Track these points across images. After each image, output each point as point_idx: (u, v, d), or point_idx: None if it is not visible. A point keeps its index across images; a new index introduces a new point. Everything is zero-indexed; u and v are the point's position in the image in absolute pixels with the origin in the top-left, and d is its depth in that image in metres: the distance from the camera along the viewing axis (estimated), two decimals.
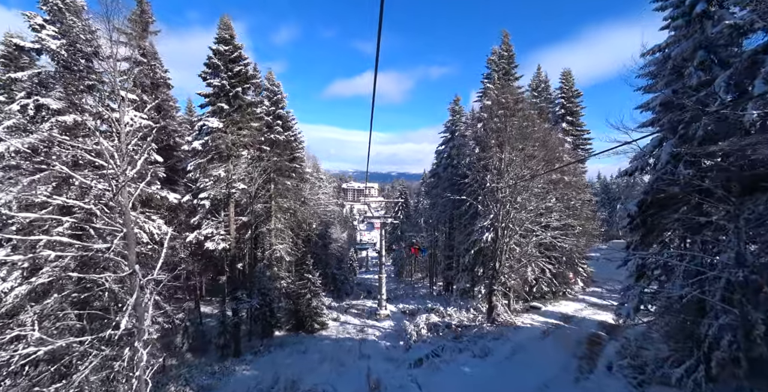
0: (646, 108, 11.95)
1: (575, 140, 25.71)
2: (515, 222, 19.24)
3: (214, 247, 18.81)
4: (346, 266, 44.00)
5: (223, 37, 19.10)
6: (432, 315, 24.51)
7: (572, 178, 23.03)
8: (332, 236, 45.00)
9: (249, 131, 20.28)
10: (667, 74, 11.41)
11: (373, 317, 27.55)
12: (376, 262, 73.98)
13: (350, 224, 76.87)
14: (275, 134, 22.94)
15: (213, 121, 18.25)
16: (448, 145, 35.09)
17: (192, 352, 22.28)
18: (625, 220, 12.89)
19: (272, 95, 23.74)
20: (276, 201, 24.35)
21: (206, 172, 19.07)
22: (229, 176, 19.11)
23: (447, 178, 34.50)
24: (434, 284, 42.36)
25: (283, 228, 24.92)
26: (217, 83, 18.49)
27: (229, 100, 19.11)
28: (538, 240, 20.67)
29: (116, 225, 10.47)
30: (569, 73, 27.64)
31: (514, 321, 20.92)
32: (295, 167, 24.66)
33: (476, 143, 22.26)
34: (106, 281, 11.24)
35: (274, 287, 24.42)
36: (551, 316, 22.40)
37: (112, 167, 10.26)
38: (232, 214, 20.01)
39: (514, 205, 18.99)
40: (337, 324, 25.78)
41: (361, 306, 30.68)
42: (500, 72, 22.95)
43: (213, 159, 19.73)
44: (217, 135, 18.58)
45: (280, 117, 23.62)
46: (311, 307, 24.35)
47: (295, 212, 26.15)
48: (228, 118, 19.13)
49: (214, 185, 18.86)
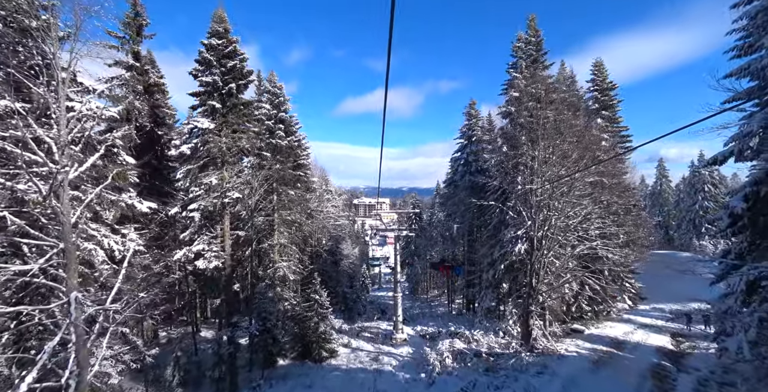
0: (740, 75, 8.98)
1: (612, 136, 22.57)
2: (555, 231, 16.07)
3: (205, 266, 16.03)
4: (358, 283, 40.71)
5: (217, 31, 16.92)
6: (456, 340, 21.09)
7: (612, 180, 19.83)
8: (343, 252, 41.98)
9: (246, 135, 17.80)
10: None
11: (389, 342, 24.19)
12: (388, 279, 70.25)
13: (362, 240, 73.69)
14: (277, 139, 20.46)
15: (203, 121, 15.82)
16: (464, 151, 32.25)
17: (183, 386, 19.17)
18: (723, 221, 9.81)
19: (274, 98, 21.41)
20: (279, 214, 21.64)
21: (197, 180, 16.52)
22: (223, 185, 16.50)
23: (465, 186, 31.49)
24: (452, 302, 38.73)
25: (288, 244, 22.11)
26: (209, 79, 16.17)
27: (223, 98, 16.74)
28: (579, 252, 17.39)
29: (49, 240, 7.75)
30: (601, 63, 24.77)
31: (555, 348, 17.41)
32: (299, 176, 22.04)
33: (504, 141, 19.42)
34: (41, 313, 8.49)
35: (276, 310, 21.40)
36: (598, 341, 18.80)
37: (44, 162, 7.65)
38: (228, 228, 17.31)
39: (553, 211, 15.87)
40: (348, 351, 22.46)
41: (374, 329, 27.31)
42: (527, 59, 20.27)
43: (206, 166, 17.24)
44: (209, 138, 16.11)
45: (283, 121, 21.20)
46: (318, 332, 21.18)
47: (301, 225, 23.37)
48: (222, 119, 16.71)
49: (205, 194, 16.27)
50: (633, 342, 18.93)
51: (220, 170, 17.07)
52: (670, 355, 17.32)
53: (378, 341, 24.37)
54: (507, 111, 18.78)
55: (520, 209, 17.20)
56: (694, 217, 50.09)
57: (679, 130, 5.37)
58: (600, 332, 20.21)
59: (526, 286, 18.48)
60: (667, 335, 20.30)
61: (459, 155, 33.34)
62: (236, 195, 16.20)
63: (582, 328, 20.16)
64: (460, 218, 33.10)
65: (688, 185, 52.20)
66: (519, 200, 17.46)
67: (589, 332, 20.06)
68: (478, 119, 32.12)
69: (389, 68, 3.34)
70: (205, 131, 16.04)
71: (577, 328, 20.11)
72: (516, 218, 18.00)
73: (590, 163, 15.43)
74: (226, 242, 17.38)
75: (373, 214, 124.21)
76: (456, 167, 33.53)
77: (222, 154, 16.86)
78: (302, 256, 23.41)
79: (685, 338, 19.89)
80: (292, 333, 22.61)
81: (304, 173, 22.84)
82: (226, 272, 17.54)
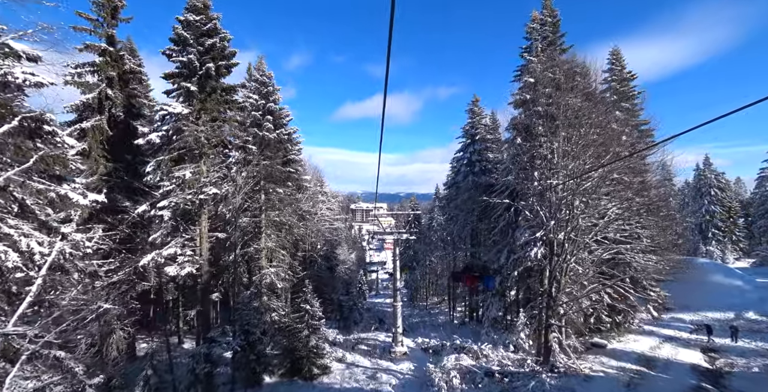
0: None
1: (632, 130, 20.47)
2: (579, 233, 13.84)
3: (176, 272, 13.67)
4: (354, 290, 38.24)
5: (195, 6, 14.77)
6: (463, 355, 18.70)
7: (633, 177, 17.69)
8: (339, 257, 39.57)
9: (228, 125, 15.55)
10: None
11: (387, 355, 21.76)
12: (386, 285, 67.58)
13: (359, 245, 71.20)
14: (264, 132, 18.22)
15: (176, 106, 13.59)
16: (467, 150, 30.15)
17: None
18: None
19: (262, 87, 19.21)
20: (267, 215, 19.31)
21: (170, 174, 14.23)
22: (200, 180, 14.20)
23: (468, 187, 29.31)
24: (454, 310, 36.31)
25: (276, 248, 19.75)
26: (184, 59, 13.96)
27: (201, 82, 14.54)
28: (604, 256, 15.18)
29: None
30: (618, 52, 22.75)
31: (579, 366, 15.06)
32: (289, 173, 19.74)
33: (517, 132, 17.25)
34: None
35: (262, 321, 18.96)
36: (624, 358, 16.48)
37: None
38: (205, 229, 14.98)
39: (577, 210, 13.67)
40: (342, 368, 19.99)
41: (372, 341, 24.83)
42: (543, 42, 18.21)
43: (181, 159, 14.98)
44: (183, 125, 13.86)
45: (272, 112, 18.97)
46: (309, 346, 18.73)
47: (292, 228, 21.02)
48: (199, 105, 14.48)
49: (179, 190, 13.96)
50: (662, 358, 16.62)
51: (197, 163, 14.79)
52: (707, 375, 15.02)
53: (375, 355, 21.91)
54: (521, 99, 16.68)
55: (537, 208, 14.99)
56: (701, 221, 48.08)
57: None
58: (624, 346, 17.89)
59: (542, 295, 16.20)
60: (697, 349, 18.02)
61: (461, 154, 31.23)
62: (214, 191, 13.90)
63: (603, 342, 17.82)
64: (463, 221, 30.86)
65: (694, 188, 50.27)
66: (535, 199, 15.26)
67: (611, 346, 17.73)
68: (482, 117, 30.09)
69: (388, 74, 3.25)
70: (179, 117, 13.80)
71: (598, 342, 17.78)
72: (531, 219, 15.78)
73: (620, 155, 13.29)
74: (203, 246, 15.03)
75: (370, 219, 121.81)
76: (458, 168, 31.38)
77: (199, 145, 14.59)
78: (293, 261, 21.03)
79: (717, 353, 17.62)
80: (281, 347, 20.16)
81: (295, 169, 20.54)
82: (203, 280, 15.17)
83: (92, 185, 17.76)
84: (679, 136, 5.17)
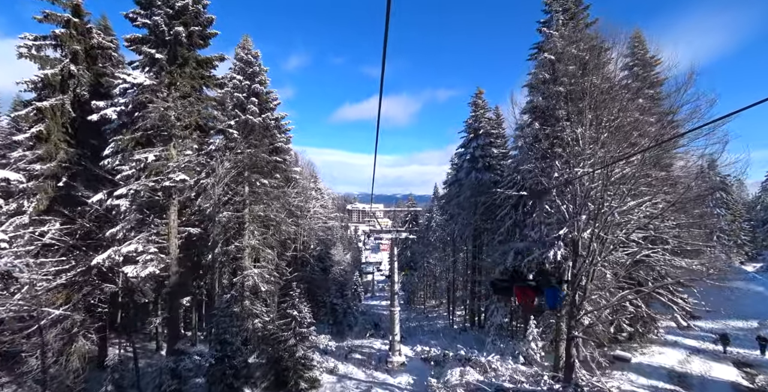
0: None
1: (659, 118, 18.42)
2: (609, 231, 11.70)
3: (136, 273, 11.35)
4: (349, 292, 35.95)
5: None
6: (469, 368, 16.43)
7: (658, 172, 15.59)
8: (334, 258, 37.20)
9: (204, 104, 13.28)
10: None
11: (383, 366, 19.50)
12: (382, 286, 65.13)
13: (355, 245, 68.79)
14: (249, 115, 15.95)
15: (138, 76, 11.33)
16: (470, 146, 28.07)
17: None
18: None
19: (247, 67, 16.96)
20: (251, 209, 17.02)
21: (130, 157, 11.94)
22: (166, 165, 11.91)
23: (470, 184, 27.19)
24: (453, 314, 34.10)
25: (261, 246, 17.44)
26: (148, 21, 11.70)
27: (170, 50, 12.27)
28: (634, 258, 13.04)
29: None
30: (640, 35, 20.57)
31: (605, 385, 12.87)
32: (276, 162, 17.47)
33: (533, 117, 15.09)
34: None
35: (244, 328, 16.66)
36: (653, 374, 14.32)
37: None
38: (174, 223, 12.68)
39: (607, 205, 11.55)
40: (333, 381, 17.68)
41: (367, 349, 22.52)
42: (564, 15, 16.09)
43: (150, 142, 12.67)
44: (146, 99, 11.57)
45: (257, 94, 16.72)
46: (296, 357, 16.41)
47: (279, 224, 18.73)
48: (167, 77, 12.21)
49: (139, 175, 11.67)
50: (695, 374, 14.48)
51: (165, 144, 12.50)
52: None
53: (370, 365, 19.61)
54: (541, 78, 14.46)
55: (558, 202, 12.83)
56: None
57: None
58: (649, 360, 15.73)
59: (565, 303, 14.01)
60: (729, 364, 15.89)
61: (464, 150, 29.13)
62: (182, 177, 11.60)
63: (627, 355, 15.66)
64: (464, 220, 28.73)
65: None
66: (556, 191, 13.11)
67: (636, 360, 15.56)
68: (486, 110, 28.04)
69: (383, 76, 3.12)
70: (142, 90, 11.52)
71: (622, 355, 15.61)
72: (551, 215, 13.63)
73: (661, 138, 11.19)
74: (172, 242, 12.72)
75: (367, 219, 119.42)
76: (460, 164, 29.26)
77: (168, 125, 12.31)
78: (280, 262, 18.73)
79: (753, 368, 15.52)
80: (266, 357, 17.83)
81: (283, 159, 18.26)
82: (171, 282, 12.84)
83: (49, 172, 15.47)
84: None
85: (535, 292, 7.70)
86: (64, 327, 15.82)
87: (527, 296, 7.72)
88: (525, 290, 7.67)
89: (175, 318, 13.33)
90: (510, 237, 21.78)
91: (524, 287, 7.65)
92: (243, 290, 16.95)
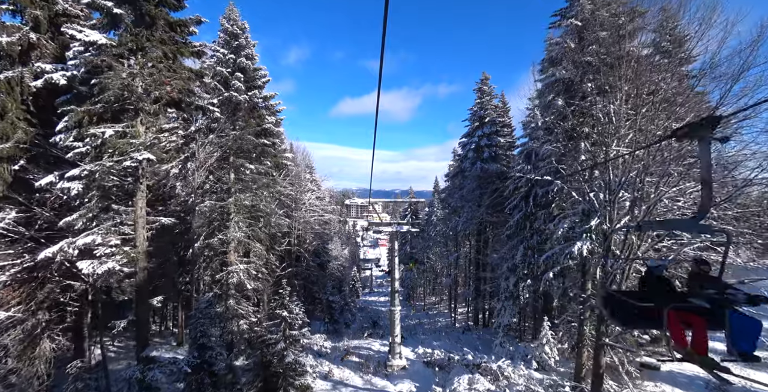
0: None
1: None
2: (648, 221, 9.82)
3: (92, 270, 9.46)
4: (347, 288, 34.23)
5: None
6: (478, 375, 14.60)
7: None
8: (331, 253, 35.41)
9: (178, 74, 11.30)
10: None
11: (383, 370, 17.76)
12: (380, 282, 63.42)
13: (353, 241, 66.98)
14: (233, 92, 13.98)
15: (92, 34, 9.32)
16: (474, 135, 26.15)
17: None
18: None
19: (232, 39, 14.96)
20: (237, 198, 15.09)
21: (87, 133, 9.99)
22: (131, 143, 9.96)
23: (475, 175, 25.37)
24: (454, 312, 32.35)
25: (248, 240, 15.54)
26: None
27: (137, 7, 10.27)
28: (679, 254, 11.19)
29: None
30: (669, 9, 18.83)
31: None
32: (264, 145, 15.51)
33: (553, 93, 13.20)
34: None
35: (228, 331, 14.80)
36: (690, 385, 12.56)
37: None
38: (142, 212, 10.75)
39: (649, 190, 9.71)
40: (327, 387, 15.89)
41: (365, 350, 20.72)
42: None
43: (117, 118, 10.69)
44: (104, 63, 9.60)
45: (243, 70, 14.73)
46: (286, 363, 14.59)
47: (269, 215, 16.83)
48: (132, 38, 10.21)
49: (97, 154, 9.75)
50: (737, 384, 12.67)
51: (131, 120, 10.53)
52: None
53: (368, 369, 17.83)
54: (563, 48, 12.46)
55: (585, 189, 10.96)
56: None
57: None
58: (680, 367, 13.95)
59: (584, 303, 12.22)
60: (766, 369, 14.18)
61: (467, 140, 27.22)
62: (146, 156, 9.65)
63: (656, 362, 13.64)
64: (468, 213, 26.90)
65: None
66: (582, 177, 11.25)
67: (666, 368, 13.80)
68: (492, 97, 26.12)
69: (381, 71, 3.15)
70: (99, 50, 9.55)
71: (649, 362, 13.63)
72: (575, 204, 11.77)
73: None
74: (139, 234, 10.79)
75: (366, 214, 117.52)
76: (465, 154, 27.35)
77: (134, 96, 10.32)
78: (270, 257, 16.85)
79: None
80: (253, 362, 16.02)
81: (273, 142, 16.31)
82: (139, 279, 10.94)
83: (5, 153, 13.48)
84: None
85: (707, 320, 3.78)
86: (24, 329, 14.04)
87: (697, 326, 3.83)
88: (689, 318, 3.86)
89: (144, 320, 11.44)
90: (519, 231, 19.96)
91: (686, 312, 3.82)
92: (228, 289, 15.07)
